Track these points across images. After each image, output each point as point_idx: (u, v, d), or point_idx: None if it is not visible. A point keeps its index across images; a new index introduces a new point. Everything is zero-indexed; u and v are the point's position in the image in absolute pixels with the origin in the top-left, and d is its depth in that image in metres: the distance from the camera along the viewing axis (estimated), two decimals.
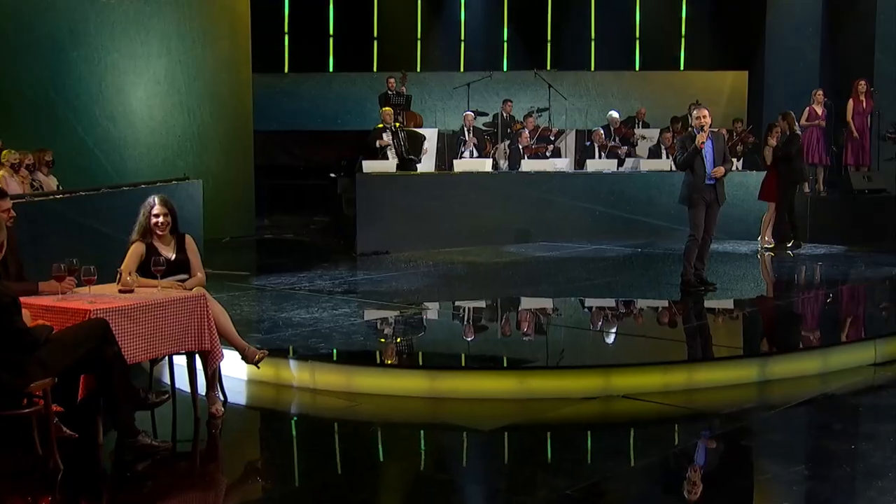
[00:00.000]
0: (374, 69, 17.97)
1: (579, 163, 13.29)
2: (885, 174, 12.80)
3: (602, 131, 13.40)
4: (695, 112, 8.06)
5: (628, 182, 12.27)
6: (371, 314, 7.53)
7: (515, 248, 11.32)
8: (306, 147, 17.19)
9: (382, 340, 6.66)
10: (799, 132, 10.91)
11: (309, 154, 17.03)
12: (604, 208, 12.07)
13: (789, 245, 11.01)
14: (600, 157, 13.11)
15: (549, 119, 14.67)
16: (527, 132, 13.20)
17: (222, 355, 5.22)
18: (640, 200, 12.12)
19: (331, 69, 18.29)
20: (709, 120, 7.99)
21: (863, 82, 12.57)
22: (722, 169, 8.04)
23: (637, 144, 13.99)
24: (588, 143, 13.53)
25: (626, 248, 11.26)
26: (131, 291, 4.98)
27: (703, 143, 7.91)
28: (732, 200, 12.07)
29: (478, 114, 14.24)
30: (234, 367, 5.69)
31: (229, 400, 5.40)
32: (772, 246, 11.02)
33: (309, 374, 5.67)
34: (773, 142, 11.28)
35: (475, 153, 13.11)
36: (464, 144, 13.10)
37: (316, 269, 9.70)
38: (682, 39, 18.45)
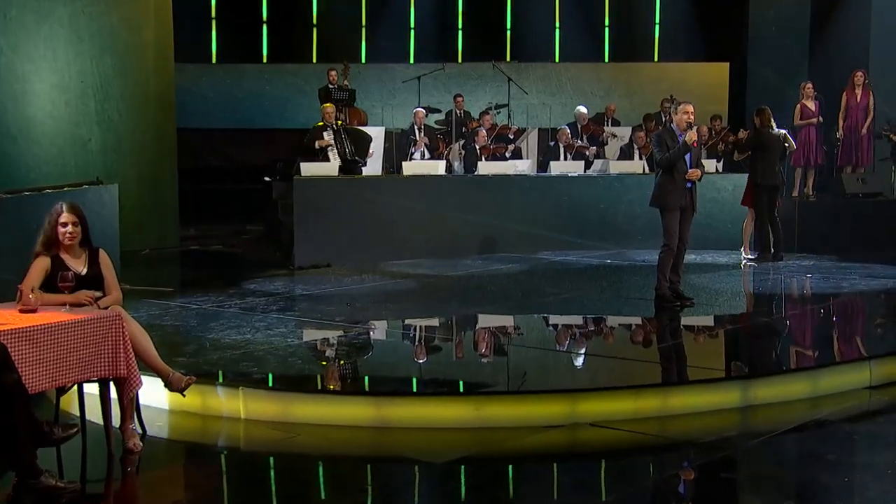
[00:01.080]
0: (314, 60, 17.94)
1: (542, 165, 13.39)
2: (880, 176, 13.04)
3: (568, 130, 13.52)
4: (681, 108, 8.17)
5: (597, 186, 12.39)
6: (310, 334, 7.48)
7: (472, 260, 11.36)
8: (237, 147, 17.09)
9: (323, 364, 6.62)
10: (776, 130, 11.00)
11: (240, 155, 16.93)
12: (570, 215, 12.17)
13: (752, 257, 11.13)
14: (566, 158, 13.22)
15: (509, 116, 14.77)
16: (484, 131, 13.26)
17: (140, 382, 5.14)
18: (609, 206, 12.24)
19: (264, 60, 18.22)
20: (694, 117, 8.18)
21: (860, 73, 12.80)
22: (698, 171, 8.17)
23: (607, 143, 14.12)
24: (552, 143, 13.64)
25: (595, 258, 11.35)
26: (34, 311, 4.89)
27: (694, 141, 8.07)
28: (712, 206, 12.42)
29: (429, 110, 14.26)
30: (154, 396, 5.61)
31: (148, 433, 5.32)
32: (754, 256, 11.19)
33: (240, 403, 5.61)
34: (733, 137, 11.51)
35: (427, 154, 13.13)
36: (414, 145, 13.13)
37: (248, 284, 9.62)
38: (657, 28, 18.70)
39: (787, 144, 11.21)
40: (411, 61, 17.91)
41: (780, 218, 11.32)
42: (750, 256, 11.19)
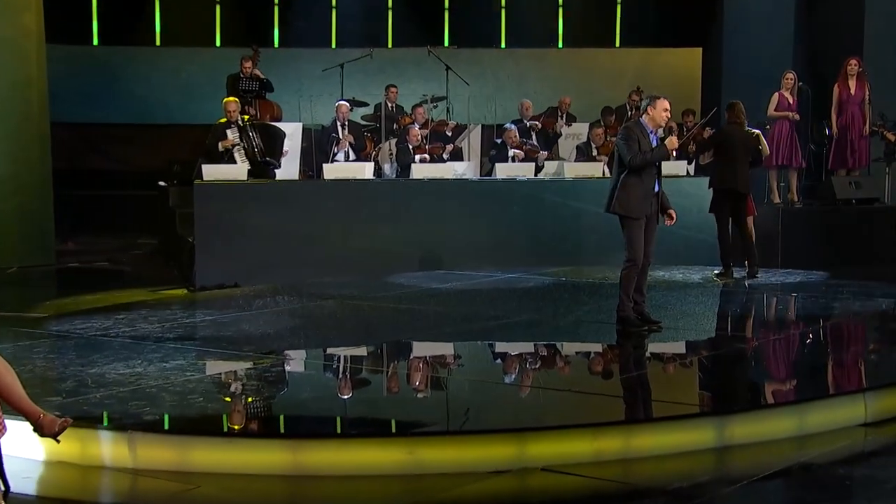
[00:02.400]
0: (217, 43, 17.85)
1: (487, 167, 13.46)
2: (876, 179, 13.27)
3: (515, 130, 13.61)
4: (658, 103, 8.22)
5: (549, 192, 12.47)
6: (214, 367, 7.41)
7: (405, 278, 11.37)
8: (125, 146, 16.92)
9: (229, 402, 6.57)
10: (748, 129, 11.14)
11: (129, 155, 16.76)
12: (519, 226, 12.24)
13: (717, 273, 11.23)
14: (513, 159, 13.32)
15: (448, 111, 14.83)
16: (418, 128, 13.30)
17: (4, 427, 5.05)
18: (564, 215, 12.32)
19: (157, 41, 18.08)
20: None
21: (854, 62, 13.01)
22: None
23: (561, 135, 14.25)
24: (498, 142, 13.73)
25: (548, 276, 11.43)
26: None
27: (674, 148, 8.24)
28: (682, 214, 12.44)
29: (354, 104, 14.26)
30: (22, 443, 5.52)
31: (13, 489, 5.21)
32: (717, 272, 11.29)
33: (128, 450, 5.54)
34: (707, 135, 11.71)
35: (351, 155, 13.12)
36: (337, 144, 13.12)
37: (139, 308, 9.52)
38: (618, 8, 18.94)
39: (760, 147, 11.32)
40: (333, 46, 17.91)
41: (758, 228, 11.48)
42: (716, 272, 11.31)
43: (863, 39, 14.23)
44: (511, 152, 13.37)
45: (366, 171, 12.20)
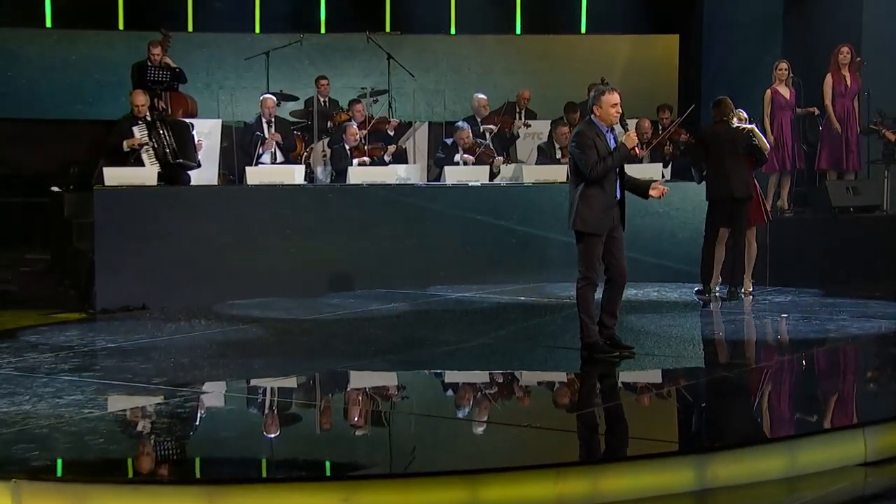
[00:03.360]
0: (120, 25, 17.69)
1: (434, 171, 13.48)
2: (876, 184, 13.41)
3: (468, 130, 13.64)
4: (604, 98, 8.15)
5: (506, 198, 12.56)
6: (118, 403, 7.33)
7: (341, 298, 11.38)
8: (9, 144, 16.69)
9: (135, 443, 6.52)
10: (737, 124, 11.10)
11: (15, 156, 16.54)
12: (472, 238, 12.31)
13: (696, 291, 11.39)
14: (465, 162, 13.37)
15: (390, 106, 14.83)
16: (355, 126, 13.29)
17: None
18: (523, 226, 12.42)
19: (48, 23, 17.87)
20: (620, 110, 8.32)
21: (846, 49, 13.18)
22: (662, 187, 8.46)
23: (518, 136, 14.29)
24: (448, 142, 13.75)
25: (505, 295, 11.50)
26: None
27: (636, 148, 8.23)
28: (658, 225, 12.69)
29: (282, 97, 14.22)
30: None
31: None
32: (697, 290, 11.39)
33: (12, 502, 5.48)
34: (685, 136, 11.75)
35: (279, 157, 13.11)
36: (262, 143, 13.09)
37: (28, 334, 9.42)
38: None
39: (756, 142, 11.11)
40: (257, 30, 17.81)
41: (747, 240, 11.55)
42: (709, 290, 11.41)
43: (861, 24, 14.33)
44: (459, 157, 13.35)
45: (295, 175, 12.20)
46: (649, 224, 12.34)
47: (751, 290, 11.43)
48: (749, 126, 11.17)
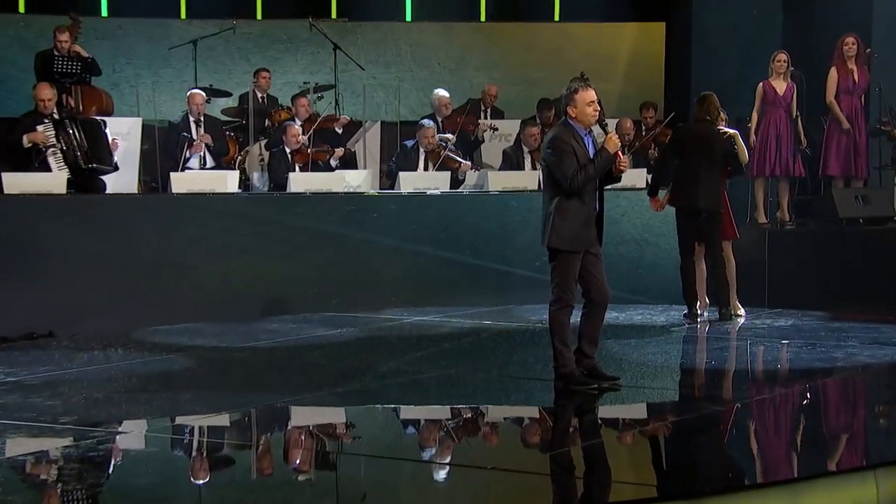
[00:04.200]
0: (21, 8, 17.55)
1: (389, 177, 13.46)
2: (888, 192, 13.45)
3: (433, 128, 13.65)
4: (578, 96, 8.11)
5: (469, 209, 12.59)
6: (18, 446, 7.25)
7: (280, 323, 11.36)
8: None
9: (38, 492, 6.46)
10: (722, 128, 11.13)
11: None
12: (430, 254, 12.32)
13: (684, 315, 11.43)
14: (426, 167, 13.39)
15: (337, 103, 14.82)
16: (298, 126, 13.27)
17: None
18: (488, 240, 12.46)
19: None
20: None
21: (851, 39, 13.27)
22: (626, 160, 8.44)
23: (483, 140, 14.29)
24: (408, 144, 13.73)
25: (468, 319, 11.52)
26: None
27: (620, 154, 8.22)
28: (642, 238, 12.74)
29: (213, 93, 14.18)
30: None
31: None
32: (684, 314, 11.43)
33: None
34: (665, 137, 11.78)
35: (209, 161, 13.10)
36: (189, 146, 13.07)
37: None
38: None
39: (735, 147, 11.13)
40: (183, 16, 17.75)
41: (741, 255, 11.53)
42: (694, 313, 11.41)
43: (871, 10, 14.40)
44: (422, 161, 13.38)
45: (228, 182, 12.17)
46: (637, 239, 12.41)
47: (740, 311, 11.48)
48: (730, 131, 11.22)
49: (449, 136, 13.98)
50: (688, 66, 16.77)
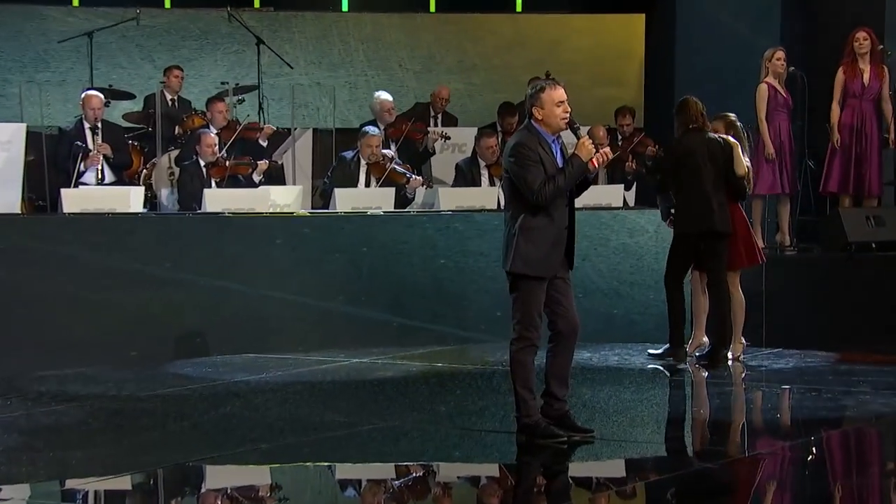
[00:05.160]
0: None
1: (323, 195, 13.39)
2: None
3: (376, 132, 13.57)
4: (545, 95, 8.11)
5: (419, 231, 12.54)
6: None
7: (194, 366, 11.33)
8: None
9: None
10: (713, 135, 11.03)
11: None
12: (371, 284, 12.29)
13: (657, 353, 11.40)
14: (367, 182, 13.34)
15: (260, 108, 14.85)
16: (214, 134, 13.19)
17: None
18: (441, 266, 12.42)
19: None
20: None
21: (863, 34, 13.24)
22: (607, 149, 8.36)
23: (434, 152, 14.26)
24: (348, 155, 13.63)
25: (418, 361, 11.49)
26: None
27: (597, 158, 8.11)
28: (620, 263, 12.68)
29: (112, 95, 14.10)
30: None
31: None
32: (658, 352, 11.37)
33: None
34: (652, 149, 11.73)
35: (108, 175, 13.05)
36: (84, 157, 12.98)
37: None
38: None
39: (736, 166, 11.06)
40: (75, 2, 17.65)
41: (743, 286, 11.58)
42: (683, 353, 11.39)
43: (883, 4, 14.49)
44: (363, 175, 13.32)
45: (131, 199, 12.08)
46: (613, 263, 12.39)
47: (741, 354, 11.45)
48: (730, 139, 11.16)
49: (388, 152, 13.91)
50: (670, 64, 16.82)
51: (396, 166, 13.51)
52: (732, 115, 11.41)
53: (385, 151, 13.75)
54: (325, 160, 14.76)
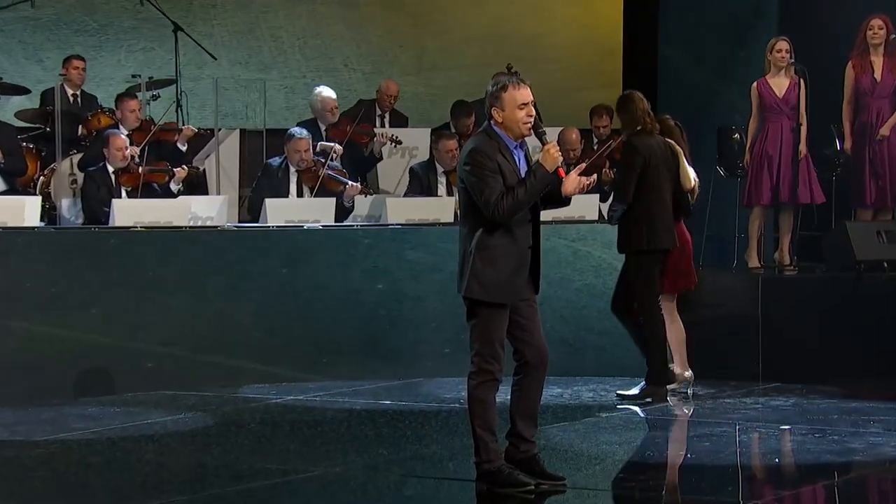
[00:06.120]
0: None
1: (252, 207, 13.37)
2: None
3: (306, 139, 13.58)
4: (507, 94, 8.10)
5: (360, 251, 12.57)
6: None
7: (100, 405, 11.30)
8: None
9: None
10: (672, 144, 11.19)
11: None
12: (309, 309, 12.33)
13: (627, 395, 11.42)
14: (300, 192, 13.38)
15: (179, 106, 14.85)
16: (124, 135, 13.15)
17: None
18: (387, 289, 12.46)
19: None
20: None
21: (879, 23, 13.32)
22: (581, 179, 8.31)
23: (381, 157, 14.28)
24: (274, 163, 13.66)
25: (361, 398, 11.53)
26: None
27: (559, 162, 8.06)
28: (591, 284, 12.77)
29: (3, 89, 14.15)
30: None
31: None
32: (633, 393, 11.37)
33: None
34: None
35: None
36: None
37: None
38: None
39: (681, 176, 11.27)
40: None
41: (727, 311, 11.60)
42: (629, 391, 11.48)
43: None
44: (294, 183, 13.32)
45: (25, 212, 12.06)
46: (580, 285, 12.45)
47: (684, 389, 11.60)
48: (674, 144, 11.32)
49: (332, 144, 13.92)
50: (653, 51, 16.80)
51: (330, 172, 13.50)
52: (671, 119, 11.51)
53: (329, 144, 13.82)
54: (254, 166, 14.76)
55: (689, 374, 11.49)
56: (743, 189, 13.39)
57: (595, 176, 8.41)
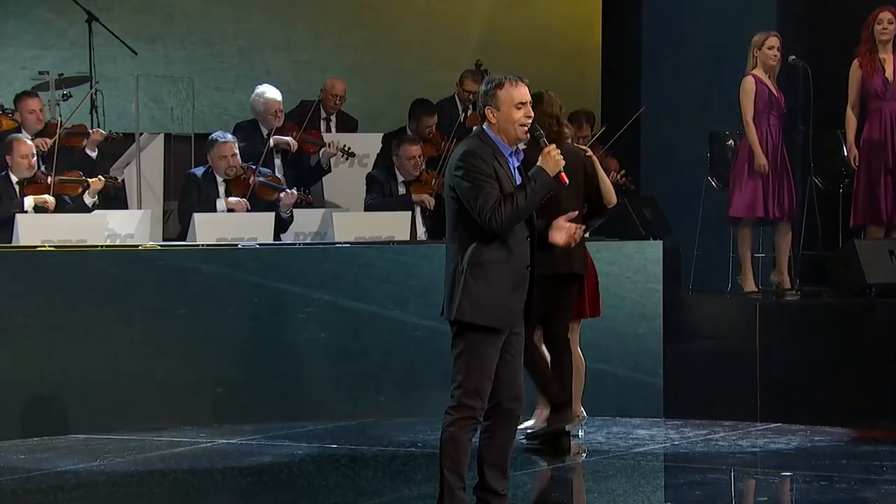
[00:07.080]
0: None
1: (182, 217, 13.36)
2: None
3: (229, 139, 13.60)
4: (502, 93, 8.12)
5: (304, 272, 12.57)
6: None
7: (1, 452, 11.24)
8: None
9: None
10: (585, 149, 11.15)
11: None
12: (243, 338, 12.36)
13: (537, 435, 11.29)
14: (228, 206, 13.38)
15: (93, 108, 14.89)
16: (29, 140, 13.14)
17: None
18: (337, 318, 12.46)
19: None
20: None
21: (888, 16, 13.46)
22: (572, 228, 8.32)
23: (329, 168, 14.29)
24: (198, 173, 13.65)
25: (303, 442, 11.50)
26: None
27: (560, 165, 8.08)
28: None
29: None
30: None
31: None
32: (538, 430, 11.30)
33: None
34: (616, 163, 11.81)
35: None
36: None
37: None
38: None
39: (596, 180, 11.10)
40: None
41: (717, 343, 11.62)
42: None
43: None
44: (221, 197, 13.34)
45: None
46: None
47: (579, 432, 11.59)
48: (587, 150, 11.38)
49: (281, 139, 14.01)
50: (636, 49, 16.90)
51: (262, 179, 13.49)
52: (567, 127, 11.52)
53: (283, 139, 13.86)
54: (180, 175, 14.71)
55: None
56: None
57: (583, 227, 8.45)
